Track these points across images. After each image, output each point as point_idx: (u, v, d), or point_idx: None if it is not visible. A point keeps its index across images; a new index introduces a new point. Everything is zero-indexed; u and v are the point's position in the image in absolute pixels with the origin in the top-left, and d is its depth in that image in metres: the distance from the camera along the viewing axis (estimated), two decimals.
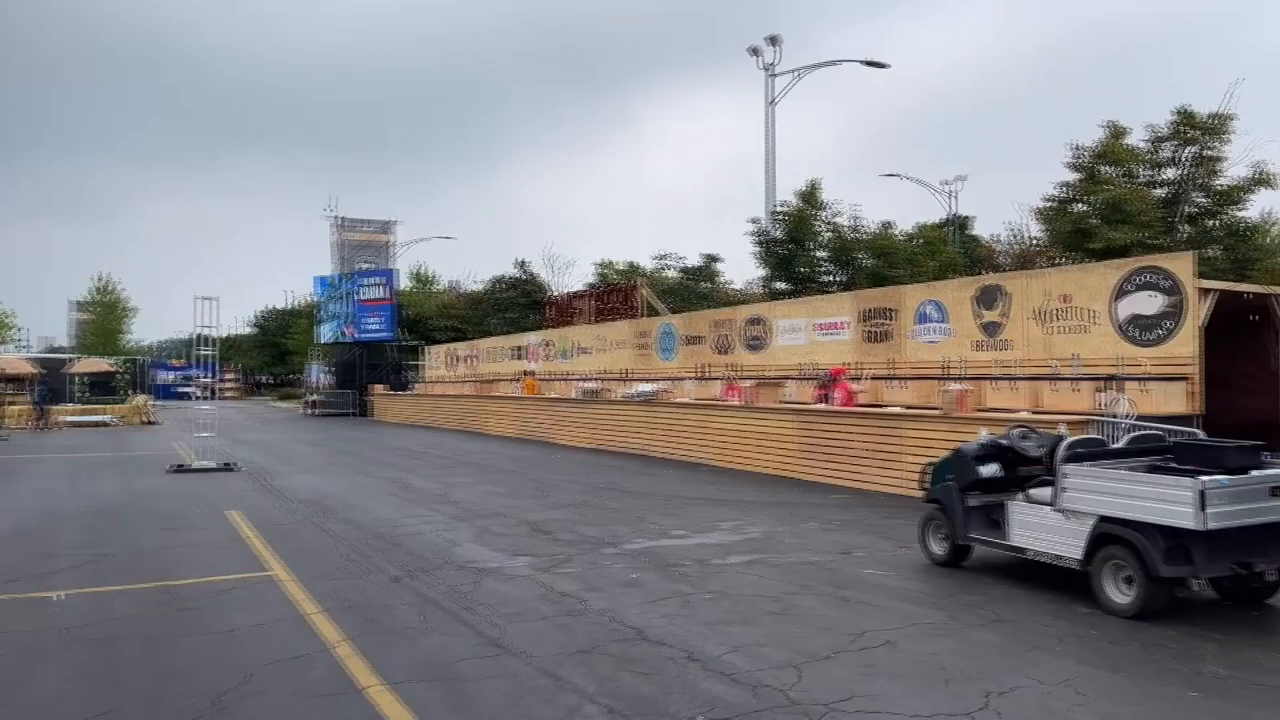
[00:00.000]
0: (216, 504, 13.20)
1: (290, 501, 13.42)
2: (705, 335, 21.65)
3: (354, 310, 46.21)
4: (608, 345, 26.46)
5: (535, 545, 9.80)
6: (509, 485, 15.06)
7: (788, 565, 8.55)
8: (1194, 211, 18.17)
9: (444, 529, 10.89)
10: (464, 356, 38.31)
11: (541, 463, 18.68)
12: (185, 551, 9.73)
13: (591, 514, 11.86)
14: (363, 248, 54.99)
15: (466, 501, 13.15)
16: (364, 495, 14.01)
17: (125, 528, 11.24)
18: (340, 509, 12.59)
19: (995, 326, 13.99)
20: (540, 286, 40.60)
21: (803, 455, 14.59)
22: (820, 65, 30.39)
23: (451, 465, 18.50)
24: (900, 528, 10.47)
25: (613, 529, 10.66)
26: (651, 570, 8.44)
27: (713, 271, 35.85)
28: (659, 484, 14.77)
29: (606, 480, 15.37)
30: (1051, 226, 19.75)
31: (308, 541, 10.27)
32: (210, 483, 15.86)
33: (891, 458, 12.84)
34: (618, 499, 13.19)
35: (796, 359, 18.39)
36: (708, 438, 17.13)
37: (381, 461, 19.52)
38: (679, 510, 12.02)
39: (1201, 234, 17.72)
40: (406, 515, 11.97)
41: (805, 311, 18.42)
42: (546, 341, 30.67)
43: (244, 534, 10.73)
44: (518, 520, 11.44)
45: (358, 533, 10.72)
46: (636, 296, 25.66)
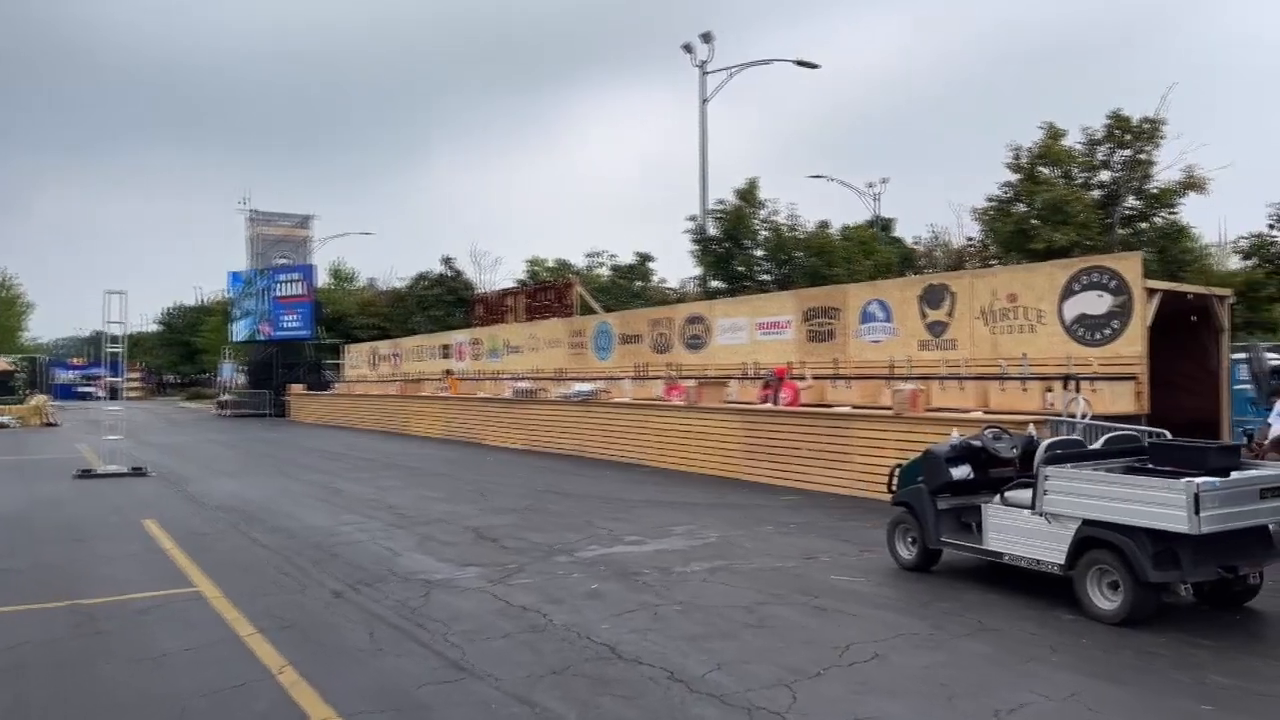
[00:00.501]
0: (129, 512, 12.28)
1: (210, 509, 12.58)
2: (643, 334, 21.29)
3: (270, 307, 44.55)
4: (540, 344, 25.88)
5: (483, 554, 9.28)
6: (445, 489, 14.44)
7: (753, 572, 8.22)
8: (1128, 214, 18.61)
9: (383, 537, 10.27)
10: (387, 355, 37.20)
11: (474, 465, 18.07)
12: (99, 565, 8.92)
13: (537, 519, 11.37)
14: (279, 243, 53.05)
15: (402, 507, 12.52)
16: (291, 501, 13.23)
17: (29, 539, 10.31)
18: (266, 516, 11.84)
19: (941, 326, 13.95)
20: (467, 284, 39.70)
21: (747, 456, 14.33)
22: (753, 64, 30.30)
23: (380, 468, 17.74)
24: (858, 530, 10.27)
25: (562, 535, 10.20)
26: (612, 580, 8.01)
27: (646, 270, 35.57)
28: (601, 486, 14.34)
29: (546, 483, 14.86)
30: (993, 227, 19.99)
31: (235, 553, 9.54)
32: (120, 489, 14.83)
33: (840, 458, 12.67)
34: (561, 502, 12.72)
35: (738, 358, 18.15)
36: (646, 438, 16.76)
37: (304, 464, 18.63)
38: (627, 514, 11.62)
39: (1134, 236, 18.15)
40: (340, 522, 11.29)
41: (746, 310, 18.21)
42: (475, 340, 29.91)
43: (163, 545, 9.93)
44: (460, 527, 10.89)
45: (289, 542, 10.03)
46: (571, 294, 25.15)
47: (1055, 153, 18.83)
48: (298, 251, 53.46)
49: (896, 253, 28.62)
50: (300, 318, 43.56)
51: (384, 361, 37.29)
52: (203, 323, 71.13)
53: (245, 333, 46.30)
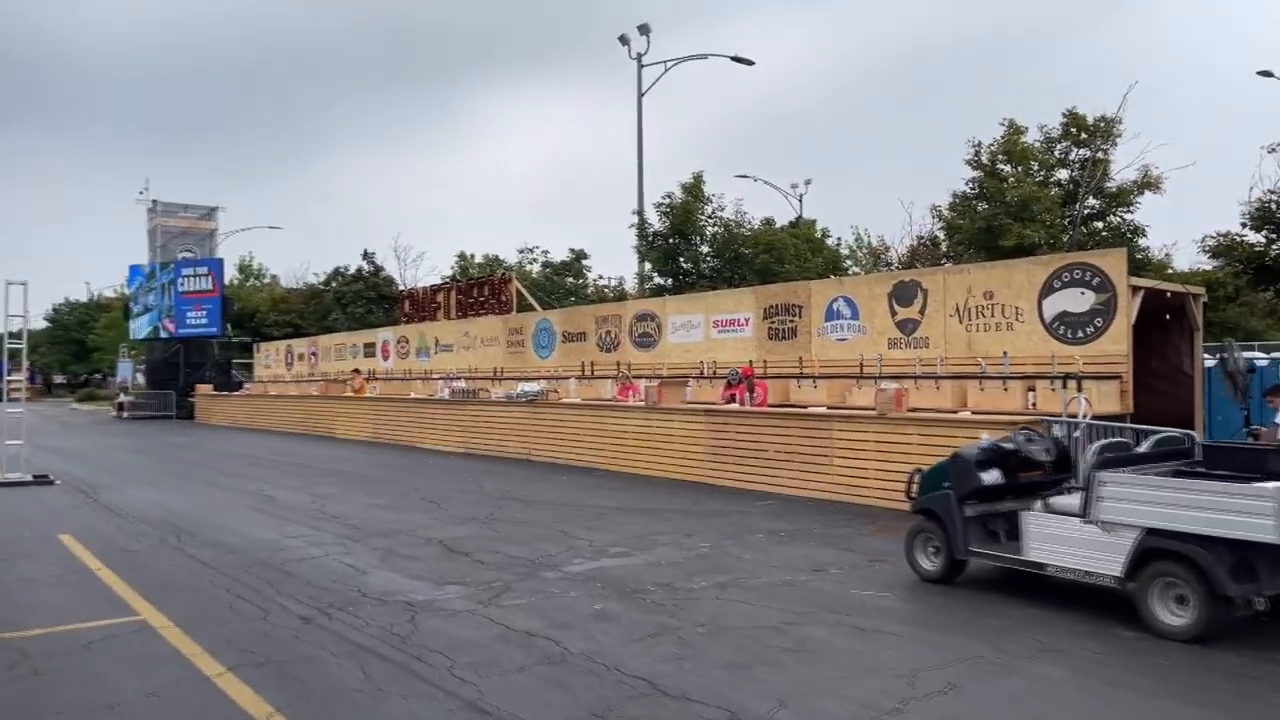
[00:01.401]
0: (42, 525, 10.98)
1: (133, 521, 11.34)
2: (588, 332, 20.54)
3: (175, 303, 42.08)
4: (475, 342, 24.86)
5: (459, 570, 8.43)
6: (390, 496, 13.45)
7: (765, 588, 7.60)
8: (1086, 212, 18.77)
9: (339, 551, 9.31)
10: (304, 354, 35.48)
11: (416, 470, 17.03)
12: (21, 589, 7.75)
13: (505, 529, 10.54)
14: (181, 235, 50.33)
15: (349, 517, 11.51)
16: (222, 511, 12.07)
17: None
18: (198, 529, 10.70)
19: (913, 324, 13.63)
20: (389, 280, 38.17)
21: (713, 459, 13.75)
22: (689, 58, 29.87)
23: (313, 474, 16.55)
24: (854, 537, 9.78)
25: (539, 547, 9.41)
26: (615, 599, 7.28)
27: (580, 267, 34.73)
28: (562, 492, 13.55)
29: (500, 488, 13.99)
30: (957, 224, 19.89)
31: (173, 572, 8.47)
32: (25, 499, 13.37)
33: (817, 461, 12.18)
34: (525, 510, 11.91)
35: (693, 357, 17.58)
36: (601, 441, 16.03)
37: (228, 471, 17.28)
38: (601, 522, 10.88)
39: (1090, 235, 18.30)
40: (285, 535, 10.26)
41: (701, 308, 17.65)
42: (402, 338, 28.64)
43: (88, 564, 8.77)
44: (422, 539, 9.98)
45: (233, 558, 8.98)
46: (508, 290, 24.19)
47: (1020, 150, 18.86)
48: (202, 245, 50.81)
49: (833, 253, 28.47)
50: (207, 314, 41.26)
51: (300, 361, 35.56)
52: (96, 319, 67.29)
53: (146, 330, 43.66)
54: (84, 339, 69.80)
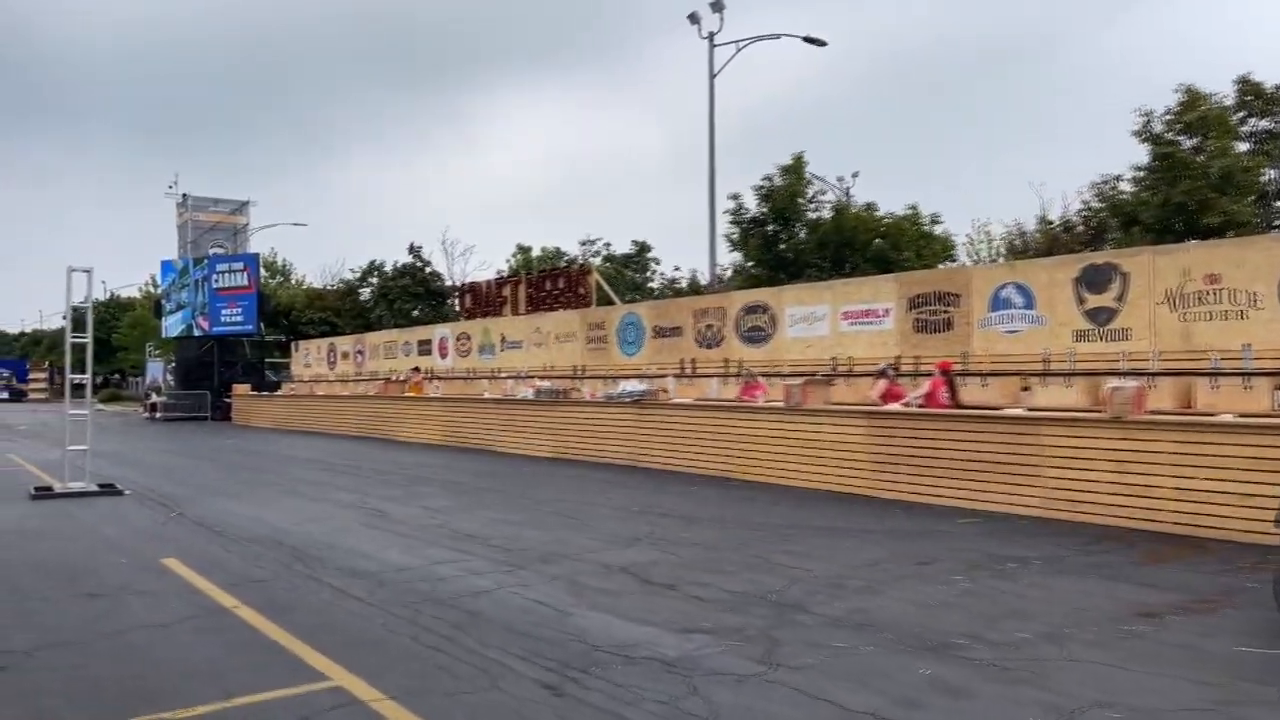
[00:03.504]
0: (135, 547, 9.39)
1: (239, 541, 9.75)
2: (684, 326, 18.91)
3: (208, 299, 40.56)
4: (547, 338, 23.26)
5: (682, 610, 6.81)
6: (514, 510, 11.85)
7: (1110, 642, 5.94)
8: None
9: (512, 583, 7.70)
10: (349, 352, 33.94)
11: (516, 477, 15.42)
12: (157, 642, 6.14)
13: (686, 554, 8.91)
14: (211, 231, 48.91)
15: (487, 536, 9.91)
16: (333, 529, 10.48)
17: (20, 596, 7.41)
18: (322, 552, 9.11)
19: (1107, 313, 11.97)
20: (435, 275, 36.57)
21: (878, 468, 12.10)
22: (761, 38, 28.22)
23: (406, 482, 14.96)
24: (1124, 567, 8.13)
25: (753, 579, 7.78)
26: (929, 657, 5.64)
27: (645, 260, 33.05)
28: (708, 505, 11.93)
29: (633, 501, 12.38)
30: (1144, 199, 18.03)
31: (331, 612, 6.87)
32: (100, 513, 11.80)
33: (1022, 472, 10.51)
34: (687, 528, 10.28)
35: (815, 353, 15.95)
36: (727, 446, 14.39)
37: (308, 480, 15.69)
38: (794, 545, 9.25)
39: None
40: (429, 560, 8.66)
41: (826, 298, 15.99)
42: (463, 335, 27.06)
43: (220, 601, 7.17)
44: (597, 565, 8.37)
45: (389, 593, 7.39)
46: (586, 283, 22.54)
47: (1217, 115, 16.98)
48: (232, 241, 49.40)
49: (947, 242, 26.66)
50: (242, 311, 39.72)
51: (345, 359, 34.02)
52: (117, 318, 65.98)
53: (179, 327, 42.18)
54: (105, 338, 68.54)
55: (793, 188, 22.75)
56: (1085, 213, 20.67)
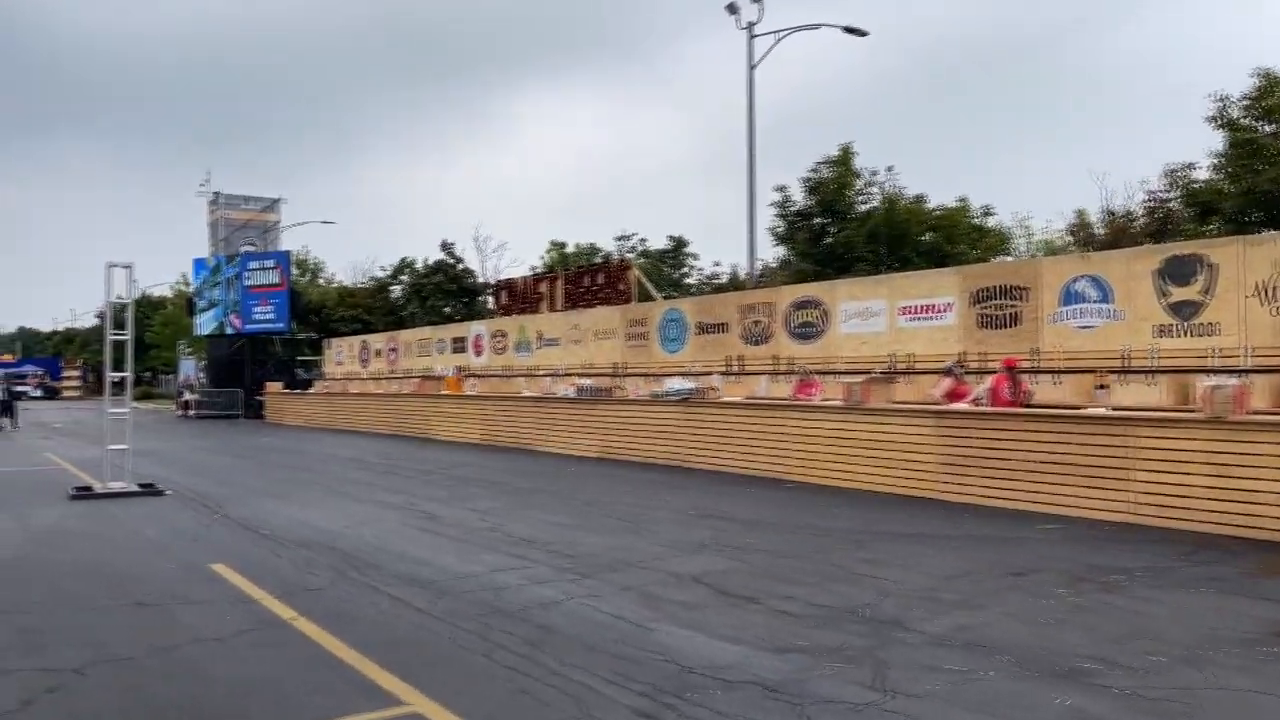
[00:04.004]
0: (181, 553, 9.03)
1: (288, 545, 9.37)
2: (730, 322, 18.39)
3: (240, 297, 40.49)
4: (586, 335, 22.81)
5: (768, 625, 6.33)
6: (568, 513, 11.40)
7: (1254, 666, 5.41)
8: None
9: (580, 593, 7.24)
10: (381, 350, 33.69)
11: (561, 477, 14.97)
12: (213, 656, 5.73)
13: (758, 561, 8.42)
14: (244, 228, 48.92)
15: (545, 541, 9.46)
16: (384, 532, 10.07)
17: (64, 603, 7.05)
18: (375, 557, 8.70)
19: (1191, 307, 11.34)
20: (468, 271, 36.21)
21: (947, 470, 11.54)
22: (799, 28, 27.61)
23: (451, 483, 14.57)
24: (1242, 581, 7.54)
25: (836, 590, 7.28)
26: (1061, 684, 5.10)
27: (681, 256, 32.50)
28: (770, 508, 11.42)
29: (690, 504, 11.90)
30: (1221, 188, 17.26)
31: (393, 625, 6.44)
32: (143, 515, 11.48)
33: (1109, 475, 9.91)
34: (752, 533, 9.78)
35: (871, 350, 15.39)
36: (781, 446, 13.87)
37: (348, 479, 15.34)
38: (874, 553, 8.72)
39: None
40: (489, 567, 8.22)
41: (883, 292, 15.42)
42: (498, 332, 26.68)
43: (277, 612, 6.76)
44: (667, 574, 7.90)
45: (452, 603, 6.95)
46: (626, 278, 22.05)
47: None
48: (264, 239, 49.38)
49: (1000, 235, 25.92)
50: (274, 309, 39.63)
51: (378, 357, 33.77)
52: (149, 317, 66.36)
53: (212, 325, 42.17)
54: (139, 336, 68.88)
55: (841, 179, 22.11)
56: (1150, 203, 19.96)
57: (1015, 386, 11.51)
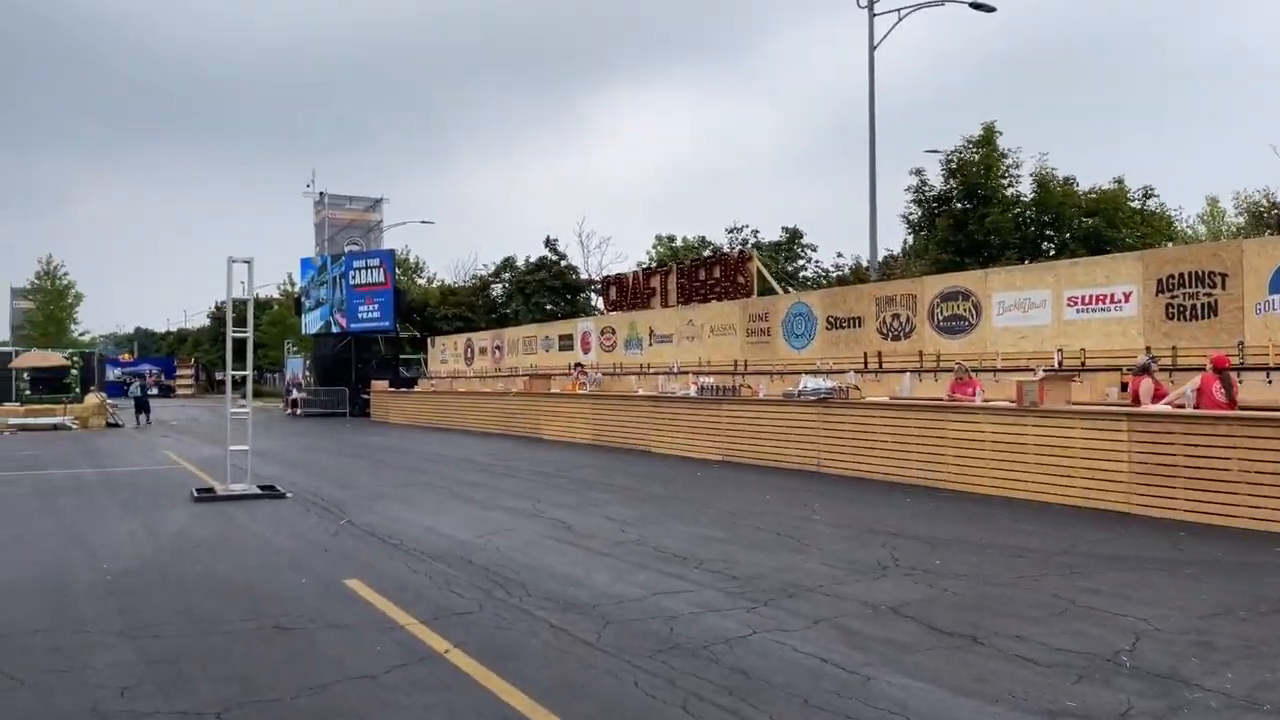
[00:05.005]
0: (312, 566, 8.37)
1: (421, 558, 8.63)
2: (865, 316, 17.16)
3: (345, 296, 40.78)
4: (701, 331, 21.82)
5: (1009, 675, 5.23)
6: (713, 524, 10.42)
7: None
8: None
9: (764, 624, 6.26)
10: (486, 348, 33.34)
11: (692, 482, 14.01)
12: (359, 697, 4.94)
13: (958, 588, 7.28)
14: (348, 228, 49.58)
15: (699, 557, 8.50)
16: (523, 545, 9.25)
17: (198, 624, 6.39)
18: (520, 574, 7.88)
19: None
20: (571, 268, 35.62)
21: (1141, 480, 10.16)
22: (924, 5, 26.11)
23: (575, 487, 13.76)
24: None
25: (1069, 627, 6.12)
26: None
27: (795, 248, 31.18)
28: (946, 523, 10.24)
29: (848, 516, 10.80)
30: None
31: (561, 661, 5.56)
32: (267, 520, 10.96)
33: None
34: (936, 553, 8.63)
35: (1031, 344, 14.00)
36: (938, 451, 12.62)
37: (466, 481, 14.69)
38: (1093, 579, 7.49)
39: None
40: (648, 590, 7.31)
41: (1047, 280, 14.00)
42: (607, 329, 25.91)
43: (429, 642, 5.94)
44: (858, 602, 6.85)
45: (620, 635, 6.04)
46: (747, 271, 20.93)
47: None
48: (367, 238, 49.95)
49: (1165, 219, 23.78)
50: (379, 308, 39.75)
51: (482, 355, 33.44)
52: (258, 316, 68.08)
53: (318, 324, 42.62)
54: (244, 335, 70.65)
55: (987, 160, 20.53)
56: None
57: (1228, 387, 10.06)
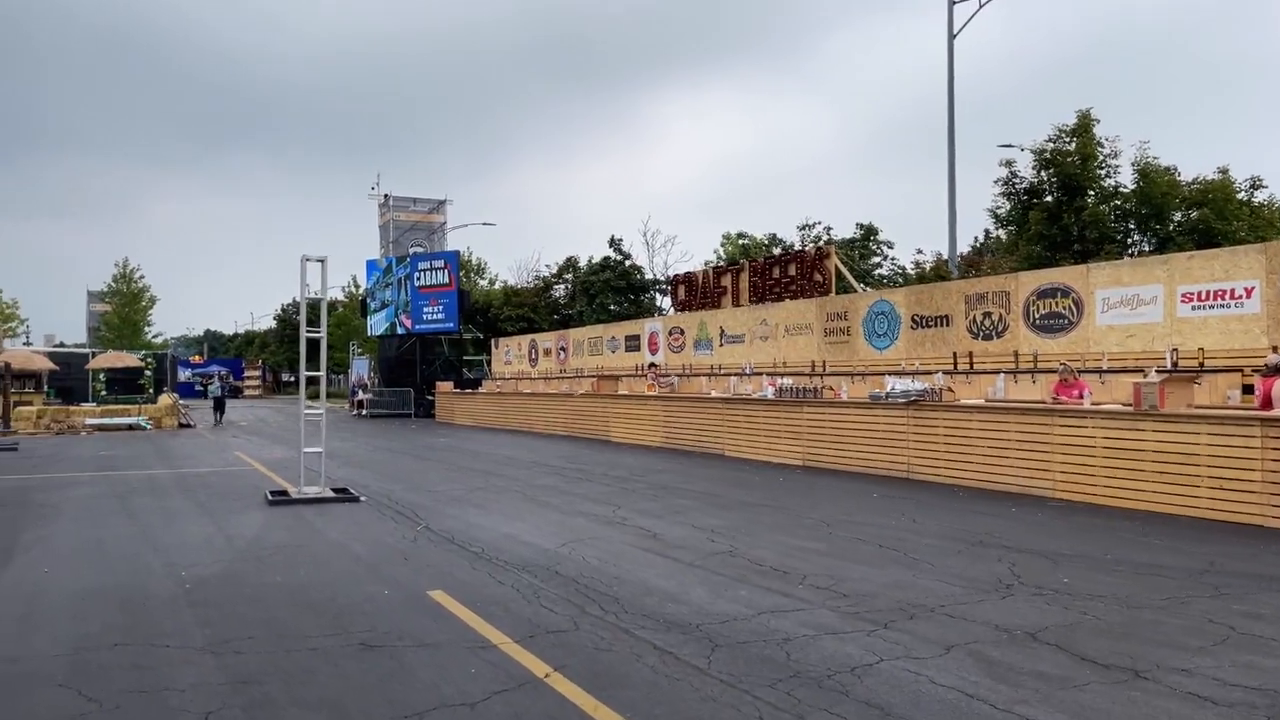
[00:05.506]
0: (393, 575, 7.98)
1: (508, 569, 8.19)
2: (953, 315, 16.37)
3: (411, 297, 40.91)
4: (775, 331, 21.18)
5: (1195, 719, 4.56)
6: (807, 534, 9.83)
7: None
8: None
9: (890, 651, 5.67)
10: (550, 349, 33.07)
11: (784, 491, 13.38)
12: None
13: (1099, 611, 6.60)
14: (412, 230, 49.83)
15: (800, 571, 7.93)
16: (610, 556, 8.77)
17: (282, 639, 6.01)
18: (611, 588, 7.39)
19: None
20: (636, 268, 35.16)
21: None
22: None
23: (653, 491, 13.25)
24: None
25: (1247, 661, 5.43)
26: None
27: (869, 245, 30.30)
28: (1064, 536, 9.51)
29: (954, 527, 10.12)
30: None
31: (674, 691, 5.05)
32: (343, 525, 10.65)
33: None
34: (1061, 569, 7.93)
35: (1140, 343, 13.13)
36: (1046, 457, 11.84)
37: (540, 485, 14.28)
38: (1254, 604, 6.76)
39: None
40: (750, 607, 6.76)
41: (1158, 275, 13.11)
42: (675, 329, 25.39)
43: (523, 663, 5.48)
44: (987, 625, 6.22)
45: (732, 661, 5.52)
46: (824, 268, 20.21)
47: None
48: (431, 240, 50.14)
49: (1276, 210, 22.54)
50: (444, 309, 39.77)
51: (547, 356, 33.17)
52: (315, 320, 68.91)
53: (383, 326, 42.84)
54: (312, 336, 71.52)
55: (1084, 148, 19.51)
56: None
57: None
